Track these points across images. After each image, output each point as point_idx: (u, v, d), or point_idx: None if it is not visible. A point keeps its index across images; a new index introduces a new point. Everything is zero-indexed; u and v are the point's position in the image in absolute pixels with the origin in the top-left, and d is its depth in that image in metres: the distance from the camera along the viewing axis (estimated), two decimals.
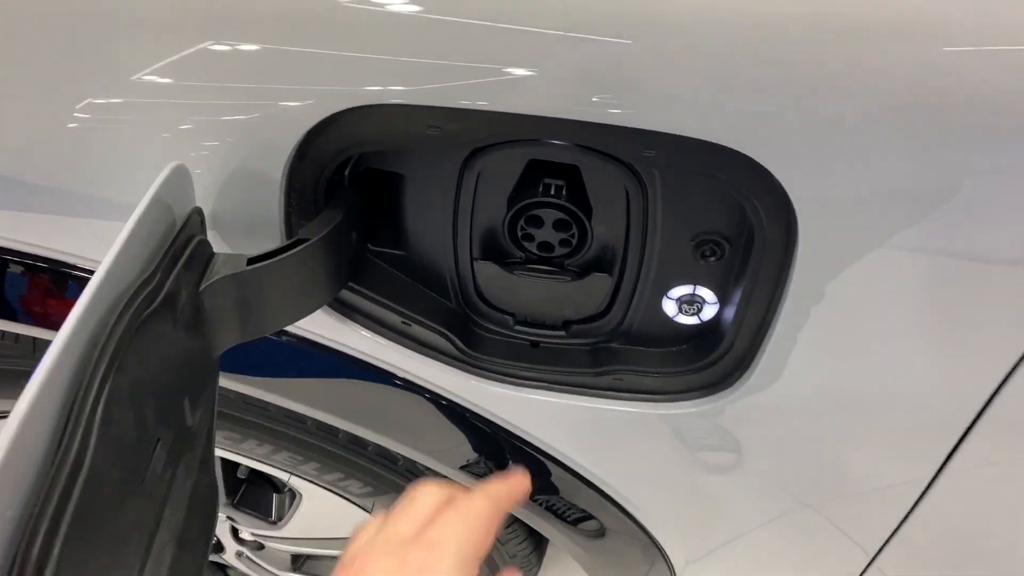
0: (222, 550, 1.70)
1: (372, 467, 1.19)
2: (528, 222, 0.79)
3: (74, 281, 0.87)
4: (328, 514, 1.39)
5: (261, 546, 1.66)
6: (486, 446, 1.02)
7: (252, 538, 1.63)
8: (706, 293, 0.82)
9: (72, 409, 0.50)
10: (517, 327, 0.90)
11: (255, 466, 1.29)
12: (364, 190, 0.81)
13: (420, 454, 1.08)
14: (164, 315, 0.61)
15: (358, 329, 0.87)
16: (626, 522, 1.13)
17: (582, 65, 0.61)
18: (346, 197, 0.78)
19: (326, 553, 1.60)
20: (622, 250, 0.80)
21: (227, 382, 0.98)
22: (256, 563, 1.70)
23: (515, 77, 0.63)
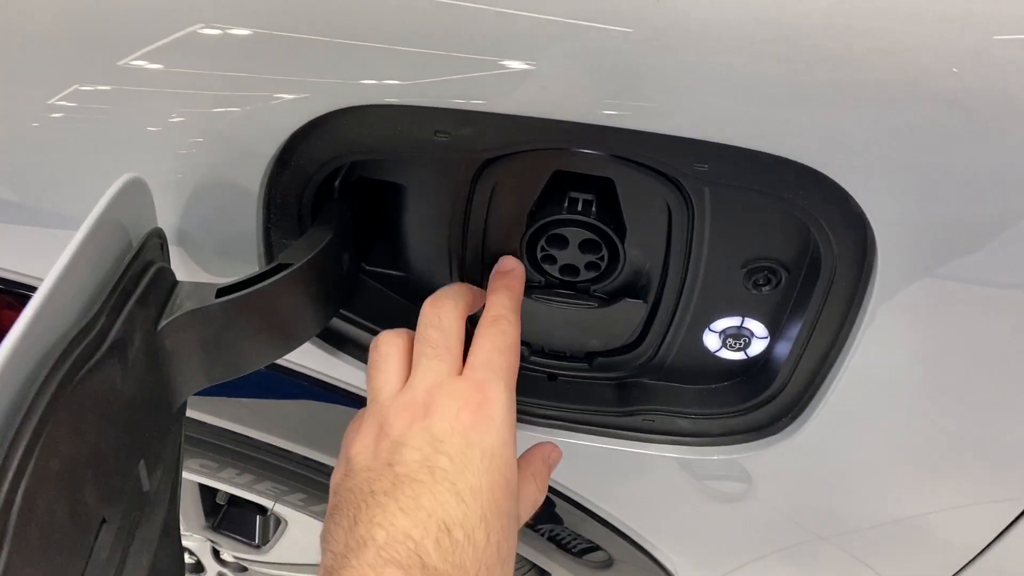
0: (202, 571, 1.59)
1: None
2: (550, 242, 0.68)
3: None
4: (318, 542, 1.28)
5: (244, 568, 1.56)
6: None
7: (234, 560, 1.52)
8: (755, 326, 0.71)
9: None
10: (533, 358, 0.80)
11: (236, 493, 1.18)
12: (357, 202, 0.69)
13: None
14: (109, 367, 0.49)
15: (349, 361, 0.76)
16: (638, 555, 1.03)
17: (623, 62, 0.51)
18: (336, 212, 0.67)
19: None
20: (660, 276, 0.69)
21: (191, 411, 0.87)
22: None
23: (541, 74, 0.52)
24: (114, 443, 0.50)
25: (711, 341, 0.73)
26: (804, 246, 0.65)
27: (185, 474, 0.98)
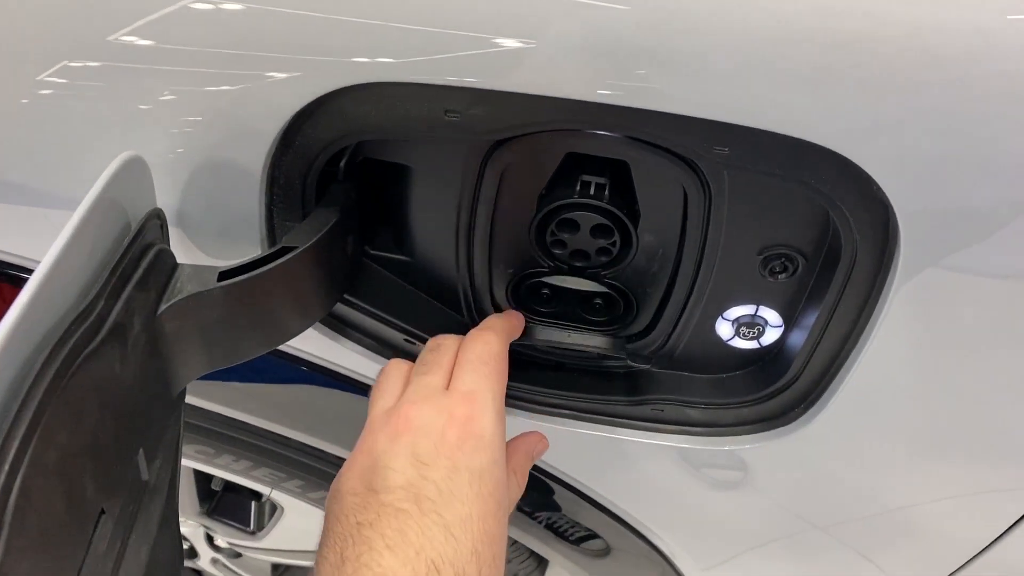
0: (195, 556, 1.57)
1: None
2: (561, 226, 0.66)
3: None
4: (316, 528, 1.27)
5: (239, 554, 1.54)
6: None
7: (228, 546, 1.51)
8: (770, 314, 0.69)
9: None
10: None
11: (232, 479, 1.16)
12: (362, 184, 0.67)
13: None
14: (110, 353, 0.47)
15: (353, 347, 0.74)
16: (636, 541, 1.02)
17: (643, 39, 0.49)
18: (341, 194, 0.65)
19: (311, 565, 1.47)
20: (673, 262, 0.67)
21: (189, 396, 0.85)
22: (233, 571, 1.57)
23: (556, 51, 0.50)
24: (113, 432, 0.48)
25: (724, 329, 0.71)
26: (823, 233, 0.63)
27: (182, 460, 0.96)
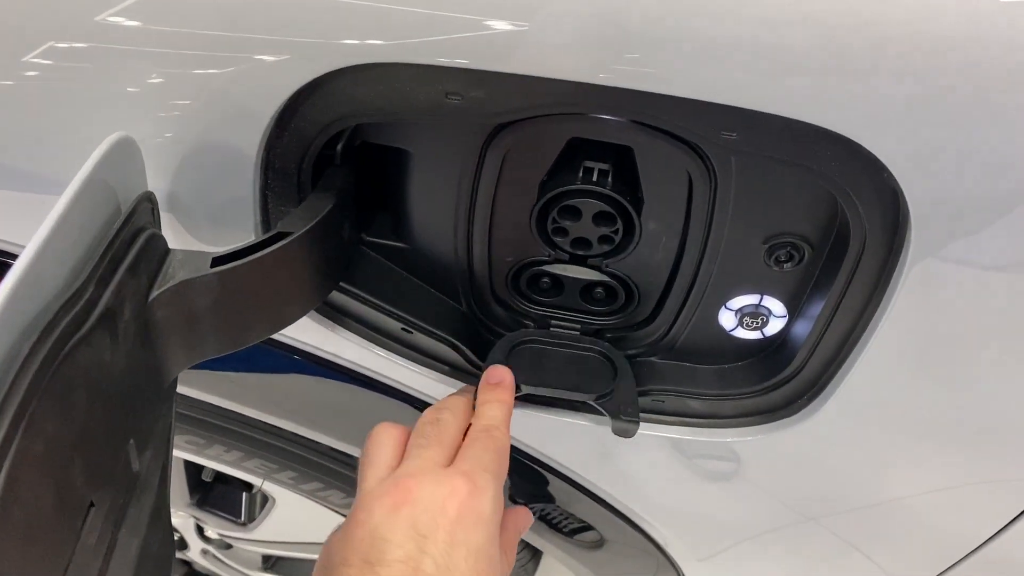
0: (185, 547, 1.56)
1: (355, 477, 1.05)
2: (562, 213, 0.64)
3: None
4: (307, 519, 1.25)
5: (229, 545, 1.52)
6: None
7: (219, 537, 1.49)
8: (774, 304, 0.68)
9: None
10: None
11: (223, 470, 1.15)
12: (359, 169, 0.65)
13: None
14: (99, 340, 0.46)
15: (349, 336, 0.72)
16: (631, 533, 1.01)
17: (652, 20, 0.47)
18: (338, 178, 0.63)
19: (304, 556, 1.46)
20: (676, 251, 0.66)
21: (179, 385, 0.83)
22: (224, 562, 1.56)
23: (561, 31, 0.49)
24: (103, 421, 0.47)
25: (727, 319, 0.70)
26: (830, 221, 0.62)
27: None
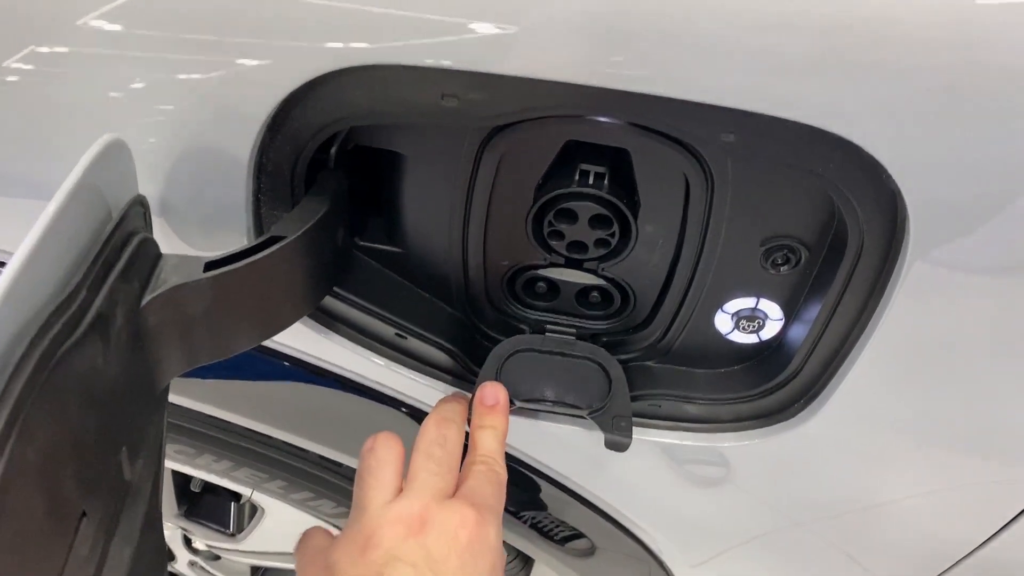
0: (172, 559, 1.54)
1: (347, 487, 1.04)
2: (558, 217, 0.64)
3: None
4: (297, 530, 1.24)
5: (217, 556, 1.51)
6: None
7: (207, 548, 1.47)
8: (770, 307, 0.68)
9: None
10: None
11: (212, 480, 1.13)
12: (353, 173, 0.65)
13: None
14: (91, 346, 0.45)
15: (342, 342, 0.72)
16: (624, 540, 1.01)
17: (648, 22, 0.47)
18: (331, 182, 0.63)
19: (293, 568, 1.44)
20: (672, 254, 0.66)
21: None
22: (211, 574, 1.54)
23: (558, 33, 0.48)
24: (95, 429, 0.46)
25: (723, 323, 0.70)
26: (827, 224, 0.62)
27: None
